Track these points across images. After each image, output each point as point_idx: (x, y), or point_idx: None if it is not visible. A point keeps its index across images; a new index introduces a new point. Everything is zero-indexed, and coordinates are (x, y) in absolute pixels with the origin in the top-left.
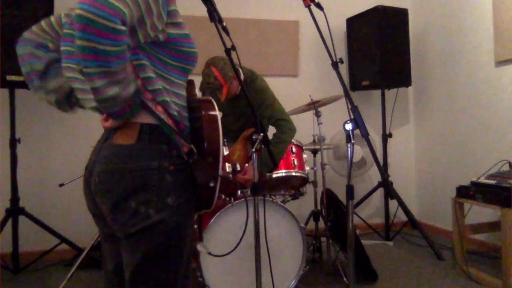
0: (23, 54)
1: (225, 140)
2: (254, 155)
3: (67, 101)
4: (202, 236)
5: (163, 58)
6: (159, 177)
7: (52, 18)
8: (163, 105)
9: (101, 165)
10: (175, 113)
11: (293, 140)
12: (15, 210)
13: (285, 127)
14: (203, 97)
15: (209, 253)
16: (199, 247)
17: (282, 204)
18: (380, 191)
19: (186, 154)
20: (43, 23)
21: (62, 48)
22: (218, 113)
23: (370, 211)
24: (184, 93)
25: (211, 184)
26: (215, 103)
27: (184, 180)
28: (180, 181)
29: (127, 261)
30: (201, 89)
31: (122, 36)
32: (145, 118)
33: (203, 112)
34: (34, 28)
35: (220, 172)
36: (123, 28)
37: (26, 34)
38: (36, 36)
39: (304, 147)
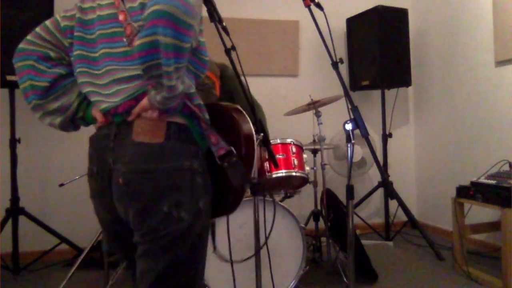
0: (22, 67)
1: None
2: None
3: (72, 123)
4: (215, 244)
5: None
6: (191, 178)
7: (48, 23)
8: (199, 108)
9: (125, 165)
10: (207, 116)
11: (293, 140)
12: (15, 210)
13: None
14: (230, 104)
15: (226, 261)
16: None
17: (282, 204)
18: (380, 191)
19: (220, 157)
20: (39, 29)
21: (76, 53)
22: (249, 119)
23: (370, 211)
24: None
25: (245, 187)
26: (243, 110)
27: (209, 182)
28: (206, 183)
29: (147, 268)
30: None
31: (194, 32)
32: (172, 117)
33: (237, 117)
34: (30, 37)
35: (254, 175)
36: (194, 23)
37: (23, 45)
38: (34, 45)
39: (304, 147)
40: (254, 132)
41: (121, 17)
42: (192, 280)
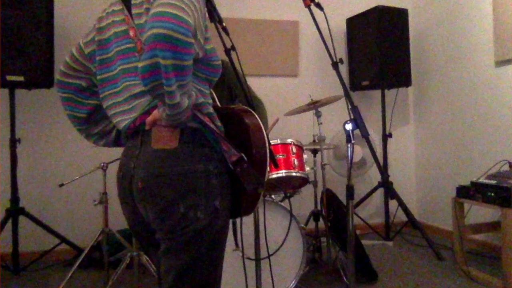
0: (64, 99)
1: None
2: None
3: (116, 143)
4: (237, 242)
5: (194, 72)
6: (206, 180)
7: (74, 51)
8: (210, 117)
9: (143, 170)
10: (218, 123)
11: (293, 140)
12: (15, 210)
13: (260, 109)
14: (241, 107)
15: (248, 258)
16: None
17: (282, 204)
18: (380, 191)
19: (233, 163)
20: (68, 59)
21: (99, 77)
22: (261, 122)
23: (370, 211)
24: (211, 102)
25: (259, 191)
26: (254, 113)
27: (226, 183)
28: (223, 184)
29: (169, 264)
30: None
31: (194, 49)
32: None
33: (247, 121)
34: (62, 67)
35: (266, 178)
36: (194, 40)
37: (59, 77)
38: (69, 77)
39: (304, 147)
40: (266, 137)
41: (131, 33)
42: (212, 277)
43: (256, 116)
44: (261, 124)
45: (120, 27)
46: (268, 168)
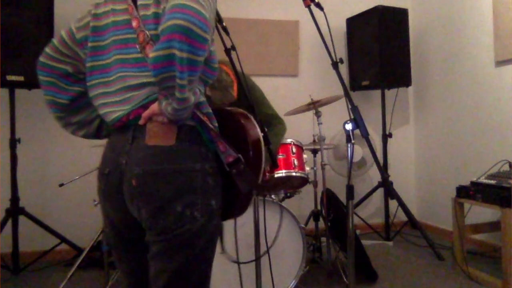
0: (46, 82)
1: None
2: None
3: (96, 135)
4: (223, 246)
5: None
6: (203, 179)
7: (64, 34)
8: (208, 116)
9: (138, 167)
10: (215, 123)
11: (293, 140)
12: (15, 210)
13: (278, 127)
14: (237, 109)
15: (234, 261)
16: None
17: (282, 204)
18: (380, 191)
19: (228, 164)
20: (56, 42)
21: (88, 65)
22: (256, 124)
23: (370, 211)
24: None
25: (253, 193)
26: (251, 116)
27: (219, 184)
28: (218, 184)
29: (161, 267)
30: (210, 86)
31: (208, 46)
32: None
33: (243, 122)
34: (48, 50)
35: (260, 180)
36: (209, 37)
37: (44, 59)
38: (54, 61)
39: (304, 147)
40: (261, 138)
41: (134, 24)
42: (203, 278)
43: (253, 118)
44: (257, 126)
45: (121, 16)
46: (263, 169)
